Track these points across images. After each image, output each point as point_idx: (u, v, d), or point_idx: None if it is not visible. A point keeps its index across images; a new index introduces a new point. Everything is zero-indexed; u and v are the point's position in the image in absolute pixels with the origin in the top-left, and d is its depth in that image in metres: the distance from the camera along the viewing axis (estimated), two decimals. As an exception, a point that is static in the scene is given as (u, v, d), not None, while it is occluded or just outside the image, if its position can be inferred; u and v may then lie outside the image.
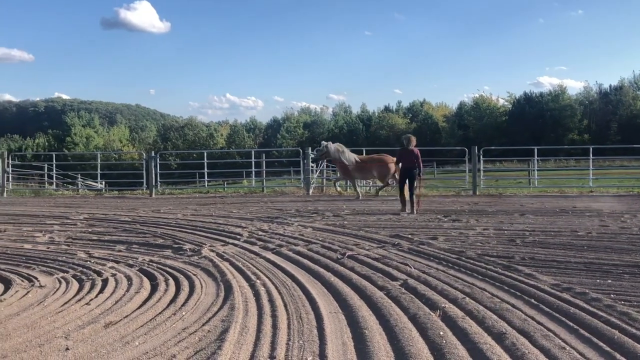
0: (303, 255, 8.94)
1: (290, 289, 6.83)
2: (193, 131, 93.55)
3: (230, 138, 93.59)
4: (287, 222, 12.83)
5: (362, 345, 4.83)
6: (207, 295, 6.67)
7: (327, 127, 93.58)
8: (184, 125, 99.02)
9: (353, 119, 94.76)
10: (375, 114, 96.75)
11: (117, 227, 12.62)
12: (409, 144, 14.66)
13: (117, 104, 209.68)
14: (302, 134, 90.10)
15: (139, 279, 7.54)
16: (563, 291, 6.38)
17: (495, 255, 8.50)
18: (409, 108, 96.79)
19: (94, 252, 9.71)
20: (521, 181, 28.16)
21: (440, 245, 9.56)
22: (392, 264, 8.07)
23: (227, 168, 34.24)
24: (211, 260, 8.62)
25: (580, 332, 5.04)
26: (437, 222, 12.54)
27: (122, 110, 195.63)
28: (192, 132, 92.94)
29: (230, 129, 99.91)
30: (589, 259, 8.16)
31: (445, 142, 77.43)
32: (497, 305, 5.85)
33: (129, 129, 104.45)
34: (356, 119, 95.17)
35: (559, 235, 10.27)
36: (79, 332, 5.26)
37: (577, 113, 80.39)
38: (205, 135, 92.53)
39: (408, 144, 14.66)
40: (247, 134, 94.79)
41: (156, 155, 23.71)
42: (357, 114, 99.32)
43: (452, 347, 4.69)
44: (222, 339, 4.92)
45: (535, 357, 4.45)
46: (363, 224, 12.31)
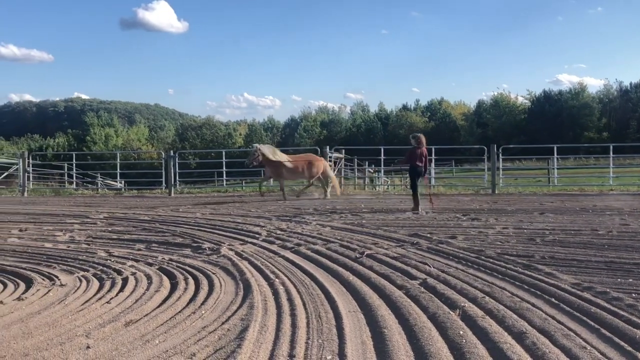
0: (321, 254, 8.94)
1: (309, 288, 6.83)
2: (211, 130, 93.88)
3: (248, 137, 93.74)
4: (306, 221, 12.83)
5: (382, 344, 4.82)
6: (226, 294, 6.68)
7: (345, 126, 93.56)
8: (202, 124, 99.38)
9: (371, 118, 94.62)
10: (393, 112, 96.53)
11: (137, 226, 12.69)
12: (419, 144, 14.70)
13: (136, 103, 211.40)
14: (320, 133, 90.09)
15: (159, 277, 7.57)
16: (584, 290, 6.33)
17: (515, 254, 8.45)
18: (427, 106, 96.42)
19: (114, 250, 9.78)
20: (540, 180, 27.97)
21: (459, 244, 9.51)
22: (411, 263, 8.04)
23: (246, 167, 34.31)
24: (230, 259, 8.64)
25: (602, 331, 5.00)
26: (456, 221, 12.48)
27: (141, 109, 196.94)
28: (210, 132, 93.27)
29: (248, 128, 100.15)
30: (610, 257, 8.08)
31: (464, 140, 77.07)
32: (517, 305, 5.81)
33: (147, 129, 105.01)
34: (374, 117, 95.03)
35: (579, 234, 10.19)
36: (99, 330, 5.29)
37: (596, 111, 79.73)
38: (223, 134, 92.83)
39: (419, 144, 14.70)
40: (265, 133, 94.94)
41: (175, 154, 23.82)
42: (375, 112, 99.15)
43: (472, 346, 4.67)
44: (242, 338, 4.93)
45: (556, 357, 4.41)
46: (381, 223, 12.28)
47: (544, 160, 32.38)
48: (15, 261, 9.00)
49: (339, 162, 24.43)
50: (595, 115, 79.44)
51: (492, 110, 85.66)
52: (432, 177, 23.45)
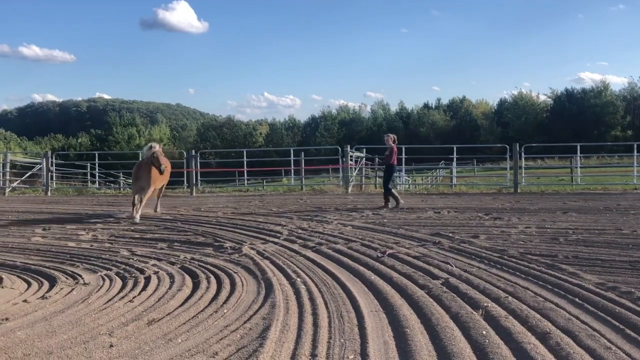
0: (343, 254, 8.94)
1: (330, 287, 6.83)
2: (232, 130, 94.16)
3: (269, 137, 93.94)
4: (327, 220, 12.83)
5: (404, 344, 4.81)
6: (248, 293, 6.70)
7: (366, 125, 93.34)
8: (223, 124, 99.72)
9: (392, 117, 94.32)
10: (414, 111, 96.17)
11: (159, 225, 12.77)
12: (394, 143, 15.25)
13: (158, 103, 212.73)
14: (341, 132, 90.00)
15: (181, 276, 7.61)
16: (608, 290, 6.27)
17: (538, 254, 8.39)
18: (448, 105, 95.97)
19: (137, 250, 9.84)
20: (563, 179, 27.71)
21: (481, 243, 9.46)
22: (433, 263, 8.02)
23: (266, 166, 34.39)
24: (251, 258, 8.66)
25: (627, 332, 4.95)
26: (478, 220, 12.41)
27: (162, 109, 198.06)
28: (231, 131, 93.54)
29: (269, 128, 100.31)
30: (635, 257, 8.01)
31: (484, 139, 76.63)
32: (540, 305, 5.76)
33: (169, 128, 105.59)
34: (395, 116, 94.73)
35: (603, 234, 10.09)
36: (122, 329, 5.33)
37: (619, 109, 78.87)
38: (244, 133, 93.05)
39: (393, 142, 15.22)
40: (285, 133, 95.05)
41: (196, 154, 23.92)
42: (396, 111, 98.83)
43: (495, 346, 4.64)
44: (264, 337, 4.94)
45: (580, 357, 4.37)
46: (403, 222, 12.25)
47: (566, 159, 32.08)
48: (39, 260, 9.08)
49: (360, 161, 24.37)
50: (619, 113, 78.57)
51: (513, 109, 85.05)
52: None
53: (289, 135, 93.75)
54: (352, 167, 22.63)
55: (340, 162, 23.25)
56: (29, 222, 13.68)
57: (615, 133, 74.34)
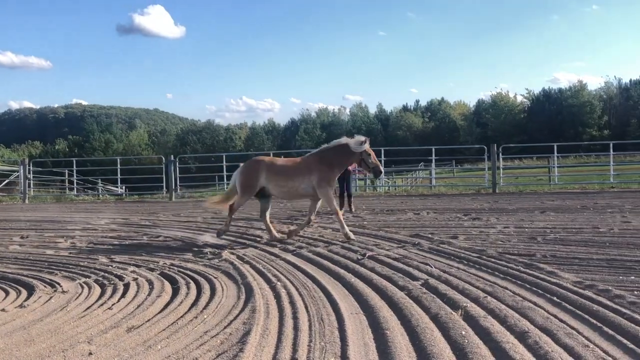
0: (323, 257, 8.94)
1: (311, 291, 6.83)
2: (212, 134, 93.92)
3: (249, 140, 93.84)
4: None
5: (384, 346, 4.82)
6: (228, 298, 6.68)
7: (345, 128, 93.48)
8: (202, 128, 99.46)
9: (370, 119, 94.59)
10: (393, 113, 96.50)
11: (138, 232, 12.70)
12: None
13: (136, 108, 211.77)
14: (320, 135, 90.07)
15: (161, 282, 7.57)
16: (585, 288, 6.32)
17: (517, 254, 8.44)
18: (427, 107, 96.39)
19: (116, 256, 9.77)
20: (541, 178, 27.95)
21: (460, 244, 9.51)
22: (412, 264, 8.03)
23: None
24: (232, 263, 8.64)
25: (604, 329, 4.98)
26: (457, 220, 12.48)
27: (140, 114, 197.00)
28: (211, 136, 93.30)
29: (249, 131, 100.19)
30: (612, 255, 8.07)
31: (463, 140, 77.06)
32: (519, 304, 5.80)
33: (147, 133, 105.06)
34: (374, 119, 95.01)
35: (580, 232, 10.19)
36: (101, 336, 5.29)
37: (597, 109, 79.69)
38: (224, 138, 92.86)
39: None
40: (265, 136, 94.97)
41: (175, 159, 23.84)
42: (375, 113, 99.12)
43: (475, 346, 4.66)
44: (244, 342, 4.93)
45: (558, 356, 4.41)
46: (383, 224, 12.29)
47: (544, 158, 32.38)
48: (17, 268, 9.00)
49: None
50: (596, 113, 79.40)
51: (492, 109, 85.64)
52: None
53: (269, 139, 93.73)
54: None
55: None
56: (6, 230, 13.55)
57: (592, 133, 75.10)
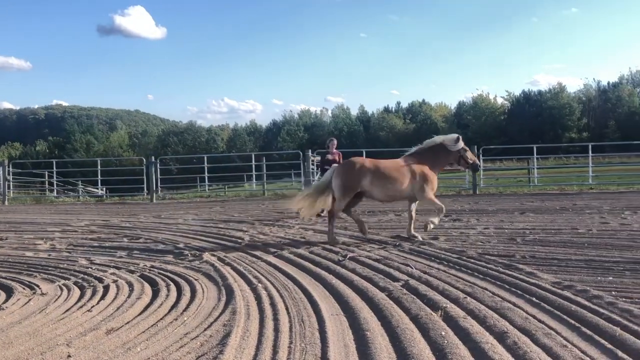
0: (304, 258, 8.94)
1: (291, 292, 6.82)
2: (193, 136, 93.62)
3: (231, 142, 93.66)
4: (288, 225, 12.84)
5: (364, 347, 4.83)
6: (209, 299, 6.66)
7: (327, 129, 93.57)
8: (184, 130, 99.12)
9: (352, 121, 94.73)
10: (375, 115, 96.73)
11: (118, 233, 12.63)
12: (330, 147, 14.83)
13: (117, 109, 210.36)
14: (303, 137, 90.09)
15: (141, 284, 7.53)
16: (564, 289, 6.37)
17: (496, 254, 8.50)
18: (408, 109, 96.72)
19: (95, 258, 9.71)
20: (521, 180, 28.14)
21: (441, 245, 9.56)
22: (393, 265, 8.06)
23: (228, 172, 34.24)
24: (212, 265, 8.62)
25: (582, 329, 5.03)
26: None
27: (121, 115, 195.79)
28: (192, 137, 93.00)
29: (231, 133, 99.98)
30: (590, 256, 8.15)
31: (445, 142, 77.25)
32: (498, 305, 5.84)
33: (128, 135, 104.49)
34: (356, 120, 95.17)
35: (559, 233, 10.27)
36: (80, 339, 5.25)
37: (576, 111, 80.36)
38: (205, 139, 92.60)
39: (330, 148, 14.83)
40: (247, 137, 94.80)
41: (156, 160, 23.74)
42: (357, 115, 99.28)
43: (454, 347, 4.68)
44: (224, 344, 4.92)
45: (537, 356, 4.44)
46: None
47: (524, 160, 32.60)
48: (-5, 271, 8.91)
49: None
50: (575, 115, 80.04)
51: (472, 111, 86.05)
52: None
53: (251, 140, 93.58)
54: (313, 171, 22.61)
55: (302, 167, 23.25)
56: (-16, 232, 13.41)
57: (572, 135, 75.71)
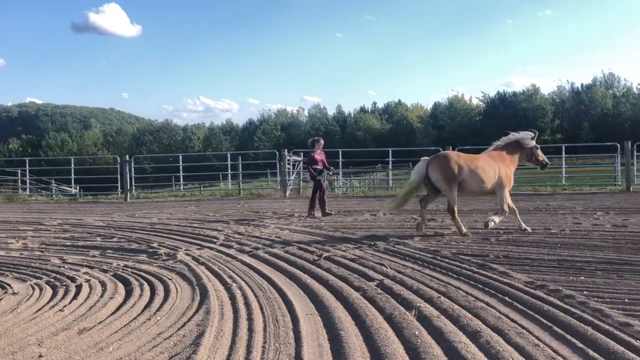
0: (280, 258, 8.93)
1: (266, 292, 6.81)
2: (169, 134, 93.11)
3: (207, 141, 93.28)
4: (264, 225, 12.81)
5: (338, 346, 4.83)
6: (183, 299, 6.62)
7: (304, 129, 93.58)
8: (159, 128, 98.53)
9: (329, 121, 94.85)
10: (351, 115, 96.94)
11: (92, 233, 12.51)
12: (317, 147, 14.71)
13: (91, 107, 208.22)
14: (279, 136, 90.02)
15: (114, 284, 7.47)
16: (537, 288, 6.42)
17: (470, 254, 8.55)
18: (384, 109, 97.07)
19: (68, 257, 9.62)
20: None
21: (415, 244, 9.59)
22: (368, 265, 8.08)
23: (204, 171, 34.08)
24: (187, 264, 8.57)
25: (554, 329, 5.08)
26: (412, 222, 12.56)
27: (96, 114, 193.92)
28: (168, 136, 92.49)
29: (207, 132, 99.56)
30: (562, 256, 8.22)
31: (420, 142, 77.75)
32: (471, 304, 5.88)
33: (103, 133, 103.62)
34: (332, 120, 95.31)
35: (532, 234, 10.36)
36: (52, 339, 5.19)
37: (549, 112, 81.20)
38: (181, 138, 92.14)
39: (317, 147, 14.70)
40: (223, 137, 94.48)
41: (131, 159, 23.56)
42: (333, 115, 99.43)
43: (427, 346, 4.70)
44: (198, 344, 4.89)
45: (509, 355, 4.47)
46: (340, 225, 12.32)
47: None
48: (-35, 270, 8.79)
49: (297, 165, 24.41)
50: (548, 116, 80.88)
51: (448, 112, 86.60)
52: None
53: (227, 139, 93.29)
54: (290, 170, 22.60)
55: (278, 166, 23.23)
56: (-46, 231, 13.22)
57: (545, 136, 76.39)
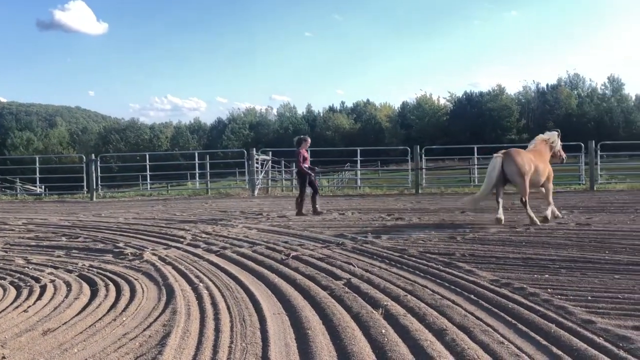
0: (247, 257, 8.91)
1: (233, 291, 6.79)
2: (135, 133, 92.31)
3: (174, 140, 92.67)
4: (232, 224, 12.76)
5: (305, 345, 4.83)
6: (149, 299, 6.57)
7: (272, 128, 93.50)
8: (125, 127, 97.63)
9: (298, 120, 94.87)
10: (321, 114, 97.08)
11: (57, 232, 12.35)
12: (304, 145, 14.58)
13: (57, 106, 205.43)
14: (248, 135, 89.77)
15: (79, 284, 7.39)
16: (502, 286, 6.50)
17: (437, 253, 8.61)
18: (352, 108, 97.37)
19: (33, 258, 9.48)
20: (462, 179, 28.61)
21: (383, 243, 9.63)
22: (336, 264, 8.09)
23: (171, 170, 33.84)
24: (153, 264, 8.51)
25: (519, 326, 5.14)
26: (380, 220, 12.64)
27: (62, 112, 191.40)
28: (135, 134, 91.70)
29: (173, 131, 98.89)
30: (527, 254, 8.31)
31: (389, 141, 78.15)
32: (437, 302, 5.92)
33: (68, 132, 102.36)
34: (301, 119, 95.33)
35: (498, 232, 10.47)
36: (16, 340, 5.12)
37: (515, 112, 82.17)
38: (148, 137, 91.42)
39: (303, 145, 14.58)
40: (191, 136, 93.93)
41: (97, 158, 23.31)
42: (303, 114, 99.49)
43: (394, 344, 4.73)
44: (163, 344, 4.86)
45: (474, 353, 4.51)
46: (308, 224, 12.33)
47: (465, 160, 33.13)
48: None
49: (266, 164, 24.39)
50: (514, 116, 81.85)
51: (416, 111, 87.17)
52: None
53: (194, 138, 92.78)
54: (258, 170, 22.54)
55: (247, 165, 23.16)
56: None
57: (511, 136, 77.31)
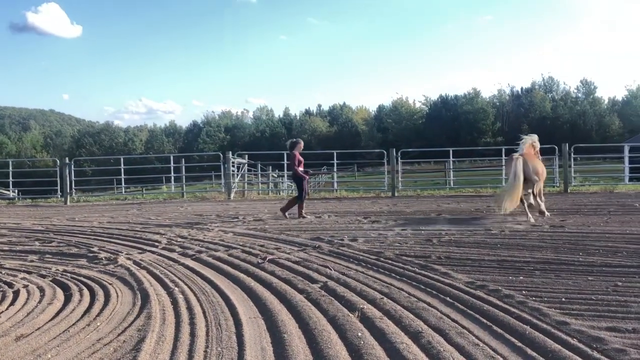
0: (223, 261, 8.86)
1: (209, 296, 6.75)
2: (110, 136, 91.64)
3: (149, 143, 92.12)
4: (208, 228, 12.69)
5: (281, 349, 4.82)
6: (123, 304, 6.51)
7: (249, 131, 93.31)
8: (100, 130, 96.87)
9: (275, 123, 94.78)
10: (297, 117, 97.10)
11: (30, 237, 12.19)
12: (297, 149, 14.49)
13: (31, 109, 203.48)
14: (224, 139, 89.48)
15: (52, 289, 7.30)
16: (477, 289, 6.54)
17: (413, 255, 8.64)
18: (329, 112, 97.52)
19: (5, 262, 9.35)
20: (438, 182, 28.77)
21: (359, 246, 9.64)
22: (312, 267, 8.08)
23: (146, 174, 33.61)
24: (128, 269, 8.43)
25: (494, 328, 5.17)
26: (357, 223, 12.65)
27: (35, 116, 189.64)
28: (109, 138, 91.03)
29: (148, 134, 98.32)
30: (502, 256, 8.38)
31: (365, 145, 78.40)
32: (413, 305, 5.94)
33: (42, 135, 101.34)
34: (278, 122, 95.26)
35: (473, 234, 10.52)
36: (-14, 347, 5.05)
37: (490, 115, 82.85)
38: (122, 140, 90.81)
39: (296, 149, 14.49)
40: (166, 139, 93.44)
41: (71, 161, 23.08)
42: (279, 117, 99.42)
43: (370, 347, 4.74)
44: (138, 349, 4.82)
45: (450, 355, 4.54)
46: (284, 228, 12.30)
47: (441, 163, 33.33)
48: None
49: (242, 168, 24.31)
50: (489, 119, 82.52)
51: (392, 115, 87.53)
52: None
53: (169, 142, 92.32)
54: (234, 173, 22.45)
55: (223, 169, 23.07)
56: None
57: (486, 139, 77.94)
